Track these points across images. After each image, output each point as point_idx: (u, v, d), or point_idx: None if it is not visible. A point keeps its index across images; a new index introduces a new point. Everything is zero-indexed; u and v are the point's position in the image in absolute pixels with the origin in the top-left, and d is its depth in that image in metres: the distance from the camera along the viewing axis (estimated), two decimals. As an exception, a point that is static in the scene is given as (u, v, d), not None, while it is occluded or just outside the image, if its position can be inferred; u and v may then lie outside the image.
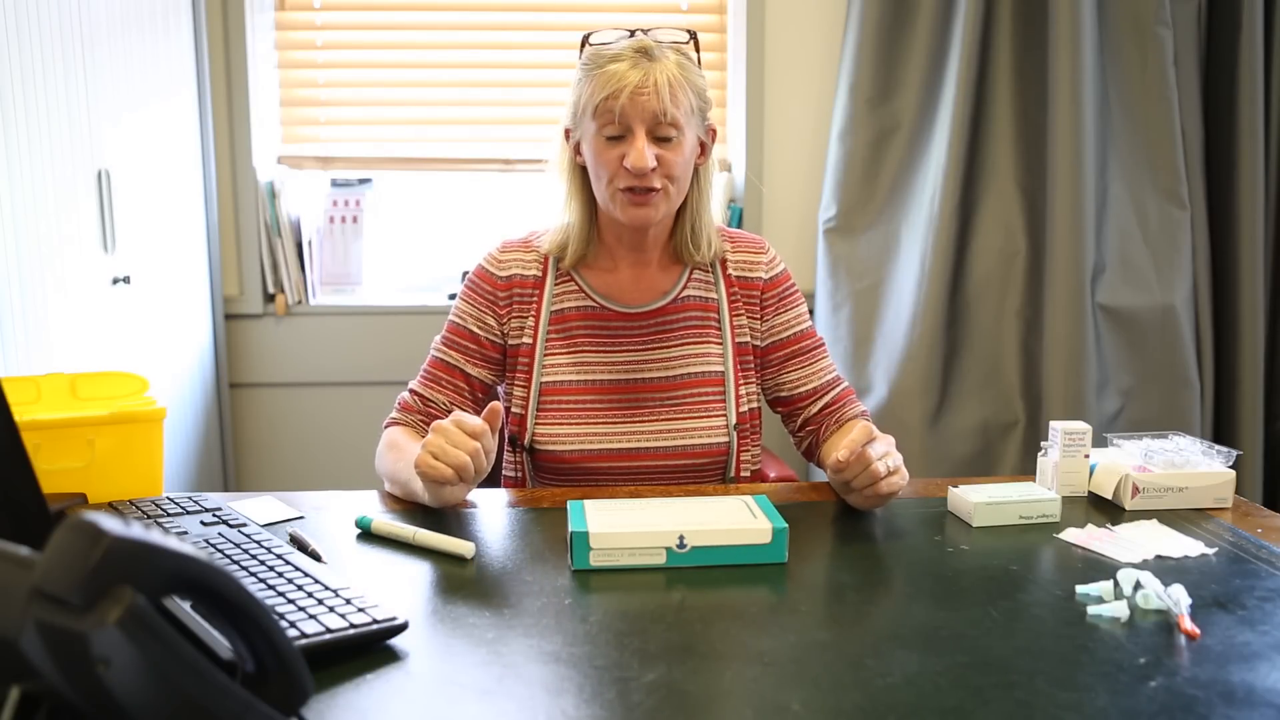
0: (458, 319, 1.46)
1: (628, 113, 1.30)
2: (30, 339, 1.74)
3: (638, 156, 1.30)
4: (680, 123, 1.33)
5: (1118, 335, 2.50)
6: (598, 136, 1.33)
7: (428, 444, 1.17)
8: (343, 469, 2.78)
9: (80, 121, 1.92)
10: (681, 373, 1.45)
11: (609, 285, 1.46)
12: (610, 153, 1.33)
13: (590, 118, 1.33)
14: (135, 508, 1.20)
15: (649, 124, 1.31)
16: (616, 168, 1.33)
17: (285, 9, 2.71)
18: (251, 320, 2.72)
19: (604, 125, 1.32)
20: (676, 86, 1.32)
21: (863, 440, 1.19)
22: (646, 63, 1.31)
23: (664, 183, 1.34)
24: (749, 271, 1.49)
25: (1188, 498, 1.28)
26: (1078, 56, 2.38)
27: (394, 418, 1.43)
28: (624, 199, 1.35)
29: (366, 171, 2.79)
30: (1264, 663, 0.86)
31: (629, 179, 1.33)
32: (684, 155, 1.35)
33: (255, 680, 0.66)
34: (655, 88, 1.30)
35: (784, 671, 0.84)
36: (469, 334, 1.44)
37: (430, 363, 1.45)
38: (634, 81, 1.29)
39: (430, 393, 1.43)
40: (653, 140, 1.32)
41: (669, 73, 1.31)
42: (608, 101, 1.30)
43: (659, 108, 1.30)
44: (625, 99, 1.29)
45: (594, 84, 1.32)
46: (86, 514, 0.56)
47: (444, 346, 1.45)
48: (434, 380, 1.44)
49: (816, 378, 1.48)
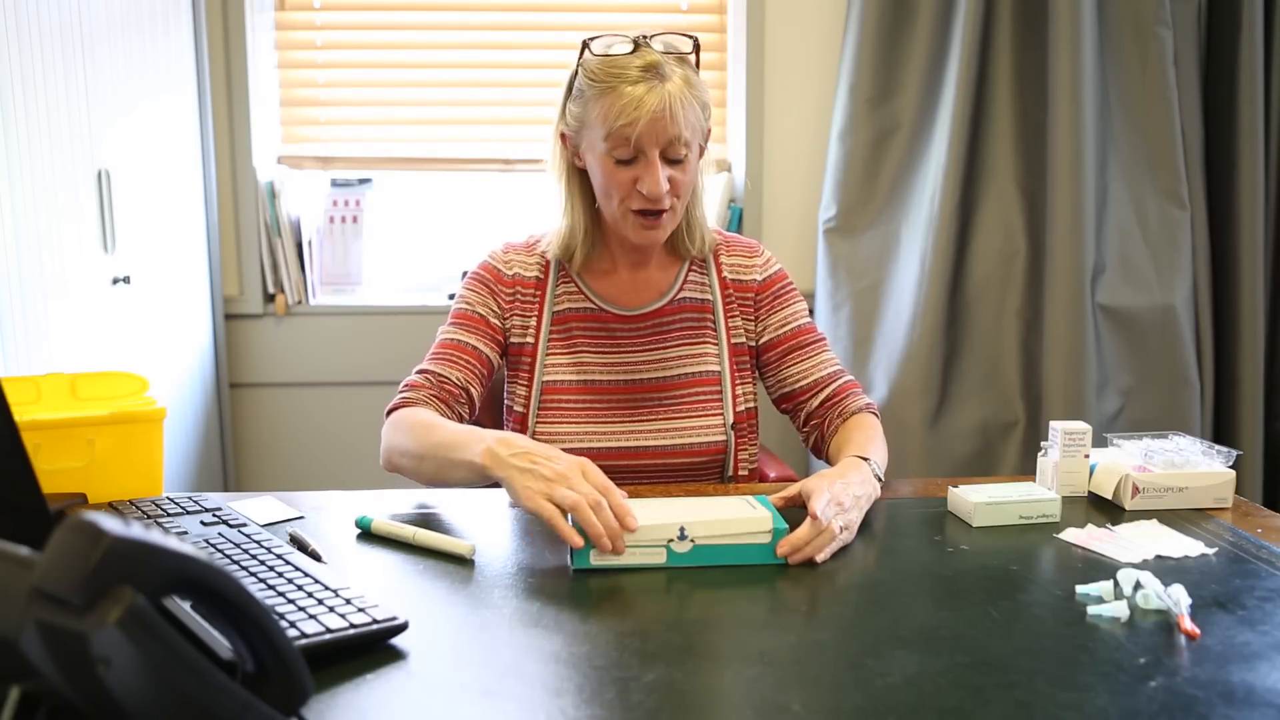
0: (465, 305, 1.46)
1: (643, 139, 1.30)
2: (30, 339, 1.74)
3: (654, 185, 1.31)
4: (690, 142, 1.34)
5: (1118, 335, 2.50)
6: (608, 157, 1.33)
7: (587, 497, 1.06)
8: (343, 469, 2.78)
9: (80, 121, 1.92)
10: (678, 373, 1.46)
11: (608, 287, 1.47)
12: (622, 175, 1.33)
13: (601, 138, 1.32)
14: (135, 508, 1.20)
15: (662, 147, 1.32)
16: (629, 190, 1.34)
17: (285, 9, 2.71)
18: (251, 320, 2.72)
19: (616, 148, 1.32)
20: (687, 107, 1.32)
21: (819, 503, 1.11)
22: (658, 83, 1.30)
23: (673, 202, 1.36)
24: (743, 274, 1.50)
25: (1188, 498, 1.27)
26: (1078, 56, 2.38)
27: (405, 398, 1.37)
28: (636, 220, 1.36)
29: (366, 171, 2.79)
30: (1264, 663, 0.86)
31: (642, 202, 1.34)
32: (692, 171, 1.37)
33: (255, 680, 0.66)
34: (670, 114, 1.29)
35: (784, 671, 0.84)
36: (478, 317, 1.44)
37: (441, 344, 1.43)
38: (650, 107, 1.28)
39: (444, 369, 1.39)
40: (664, 162, 1.33)
41: (680, 94, 1.31)
42: (624, 129, 1.29)
43: (674, 134, 1.31)
44: (642, 127, 1.29)
45: (606, 106, 1.30)
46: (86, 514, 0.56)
47: (454, 328, 1.44)
48: (447, 358, 1.40)
49: (817, 370, 1.48)
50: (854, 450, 1.31)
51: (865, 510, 1.21)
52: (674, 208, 1.36)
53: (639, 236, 1.38)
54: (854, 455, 1.29)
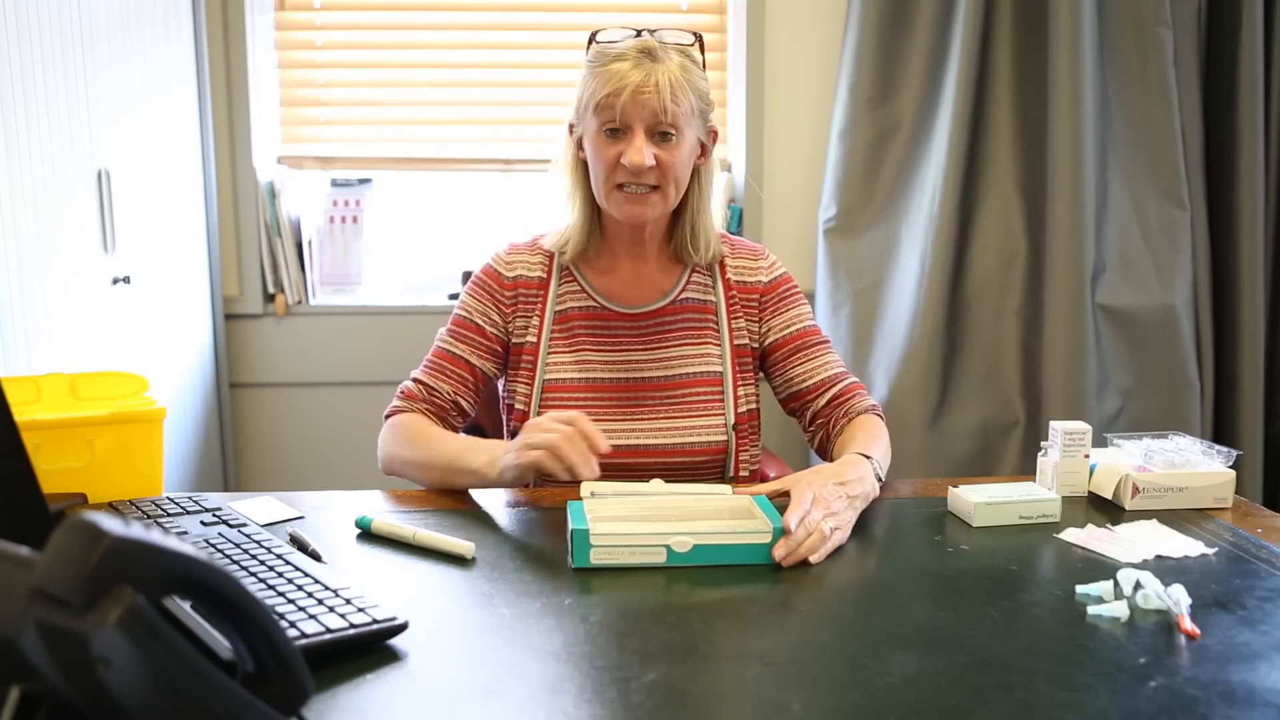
0: (464, 313, 1.48)
1: (628, 111, 1.33)
2: (30, 339, 1.74)
3: (635, 154, 1.33)
4: (680, 123, 1.35)
5: (1118, 335, 2.50)
6: (598, 133, 1.36)
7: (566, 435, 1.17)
8: (343, 469, 2.78)
9: (80, 121, 1.92)
10: (680, 372, 1.46)
11: (609, 285, 1.47)
12: (609, 150, 1.35)
13: (592, 113, 1.35)
14: (135, 508, 1.20)
15: (648, 123, 1.34)
16: (614, 165, 1.35)
17: (285, 9, 2.71)
18: (251, 320, 2.72)
19: (604, 122, 1.34)
20: (677, 87, 1.33)
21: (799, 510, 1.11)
22: (650, 63, 1.33)
23: (660, 181, 1.36)
24: (748, 276, 1.51)
25: (1188, 498, 1.28)
26: (1078, 56, 2.38)
27: (398, 405, 1.43)
28: (619, 196, 1.37)
29: (366, 171, 2.79)
30: (1264, 663, 0.86)
31: (626, 176, 1.35)
32: (682, 156, 1.37)
33: (255, 680, 0.66)
34: (656, 87, 1.32)
35: (784, 671, 0.84)
36: (475, 326, 1.46)
37: (435, 353, 1.47)
38: (636, 80, 1.32)
39: (435, 382, 1.44)
40: (651, 139, 1.34)
41: (671, 73, 1.33)
42: (609, 99, 1.32)
43: (659, 106, 1.32)
44: (626, 97, 1.32)
45: (597, 80, 1.34)
46: (86, 514, 0.56)
47: (449, 338, 1.47)
48: (439, 370, 1.45)
49: (822, 371, 1.49)
50: (857, 449, 1.31)
51: (860, 509, 1.21)
52: (662, 189, 1.37)
53: (623, 212, 1.38)
54: (855, 452, 1.29)
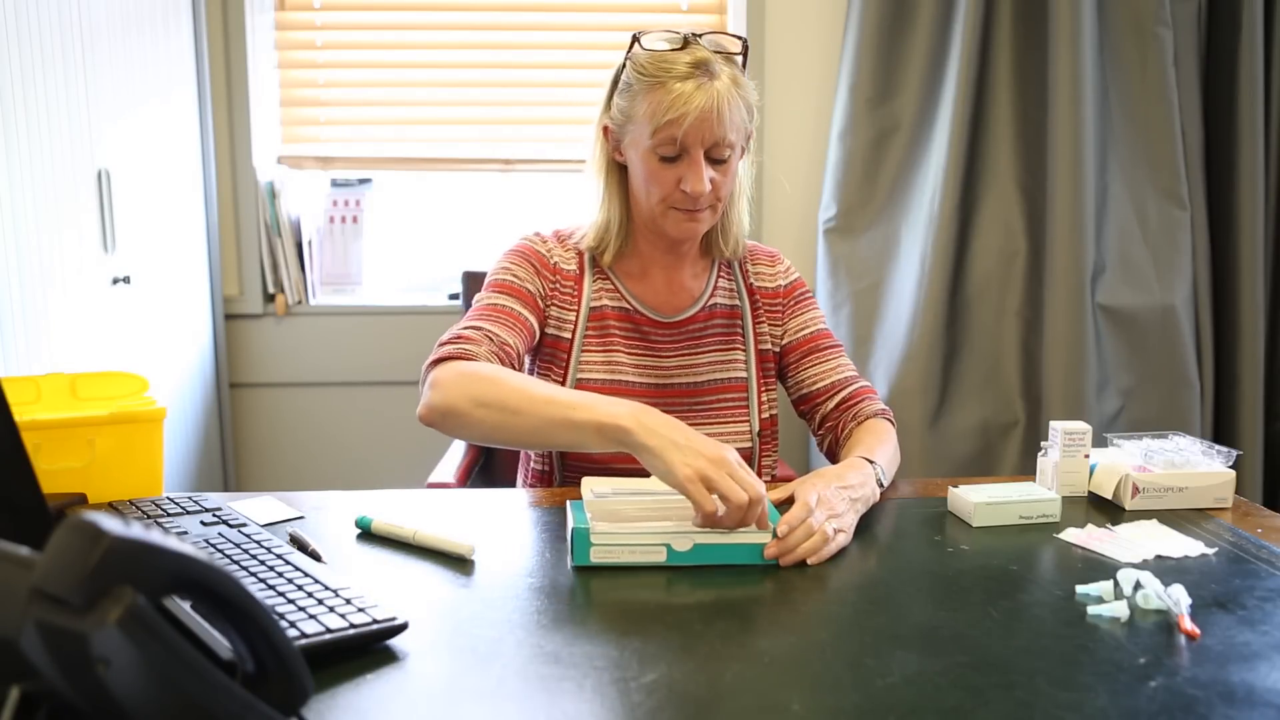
0: (511, 277, 1.40)
1: (689, 137, 1.30)
2: (30, 339, 1.74)
3: (698, 183, 1.31)
4: (734, 143, 1.34)
5: (1118, 335, 2.50)
6: (651, 154, 1.33)
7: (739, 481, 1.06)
8: (343, 469, 2.78)
9: (80, 121, 1.92)
10: (708, 379, 1.46)
11: (644, 291, 1.47)
12: (666, 172, 1.33)
13: (648, 135, 1.32)
14: (135, 508, 1.19)
15: (707, 147, 1.32)
16: (672, 188, 1.34)
17: (285, 9, 2.71)
18: (251, 320, 2.72)
19: (661, 144, 1.31)
20: (733, 107, 1.31)
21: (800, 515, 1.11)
22: (707, 81, 1.29)
23: (714, 201, 1.36)
24: (767, 281, 1.52)
25: (1188, 498, 1.28)
26: (1078, 56, 2.38)
27: (464, 350, 1.28)
28: (676, 216, 1.36)
29: (366, 171, 2.79)
30: (1264, 663, 0.86)
31: (684, 200, 1.34)
32: (733, 173, 1.37)
33: (255, 680, 0.65)
34: (717, 113, 1.29)
35: (784, 671, 0.84)
36: (525, 291, 1.40)
37: (488, 306, 1.36)
38: (698, 105, 1.28)
39: (501, 331, 1.33)
40: (708, 161, 1.33)
41: (729, 93, 1.30)
42: (670, 127, 1.29)
43: (720, 136, 1.30)
44: (689, 125, 1.28)
45: (654, 102, 1.30)
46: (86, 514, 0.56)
47: (499, 294, 1.38)
48: (501, 321, 1.34)
49: (833, 374, 1.49)
50: (861, 453, 1.31)
51: (861, 512, 1.21)
52: (714, 206, 1.37)
53: (677, 230, 1.37)
54: (859, 456, 1.29)
